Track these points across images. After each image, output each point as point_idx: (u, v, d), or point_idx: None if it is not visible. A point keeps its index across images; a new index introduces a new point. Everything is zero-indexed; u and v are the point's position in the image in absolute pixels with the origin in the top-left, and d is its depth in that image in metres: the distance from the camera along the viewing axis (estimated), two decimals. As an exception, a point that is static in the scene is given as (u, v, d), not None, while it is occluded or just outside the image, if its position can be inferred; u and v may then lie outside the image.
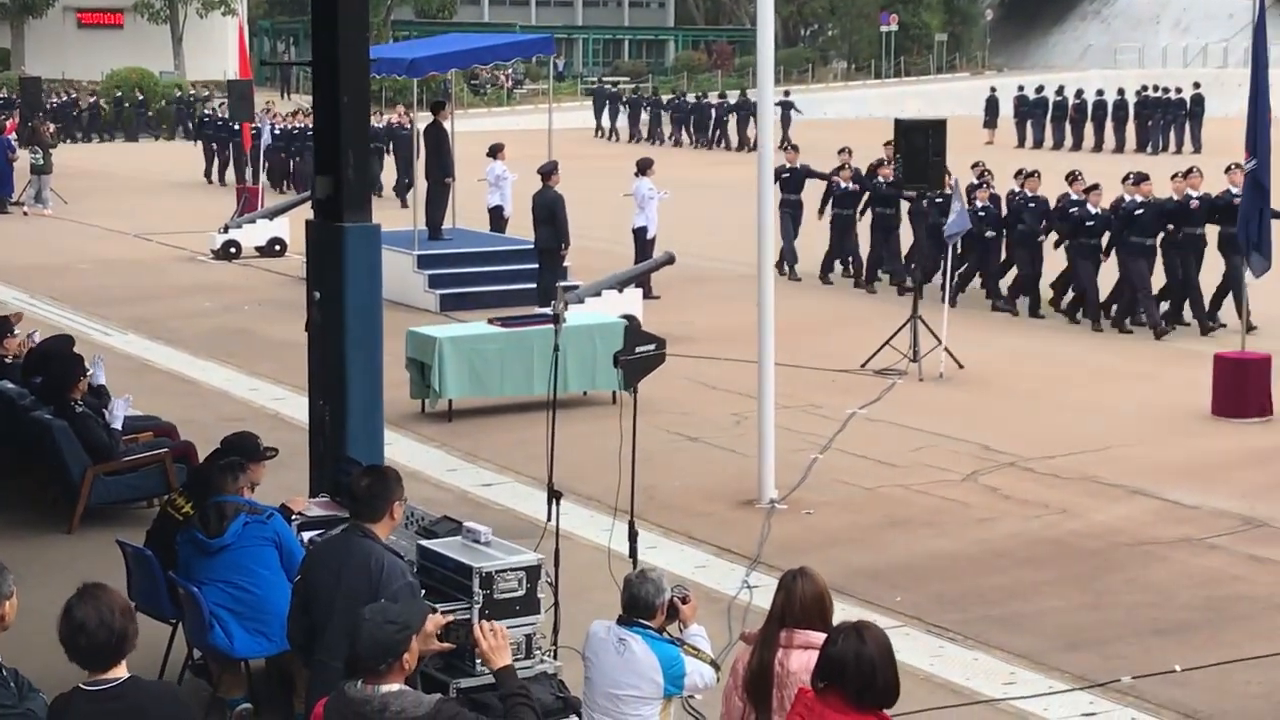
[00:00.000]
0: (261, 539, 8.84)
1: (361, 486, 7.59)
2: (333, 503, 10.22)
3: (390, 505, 7.52)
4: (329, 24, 11.64)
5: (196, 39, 71.14)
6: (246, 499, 9.07)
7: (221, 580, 8.85)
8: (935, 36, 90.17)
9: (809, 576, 6.67)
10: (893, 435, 15.88)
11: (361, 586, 7.24)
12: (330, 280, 11.64)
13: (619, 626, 7.40)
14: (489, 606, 8.08)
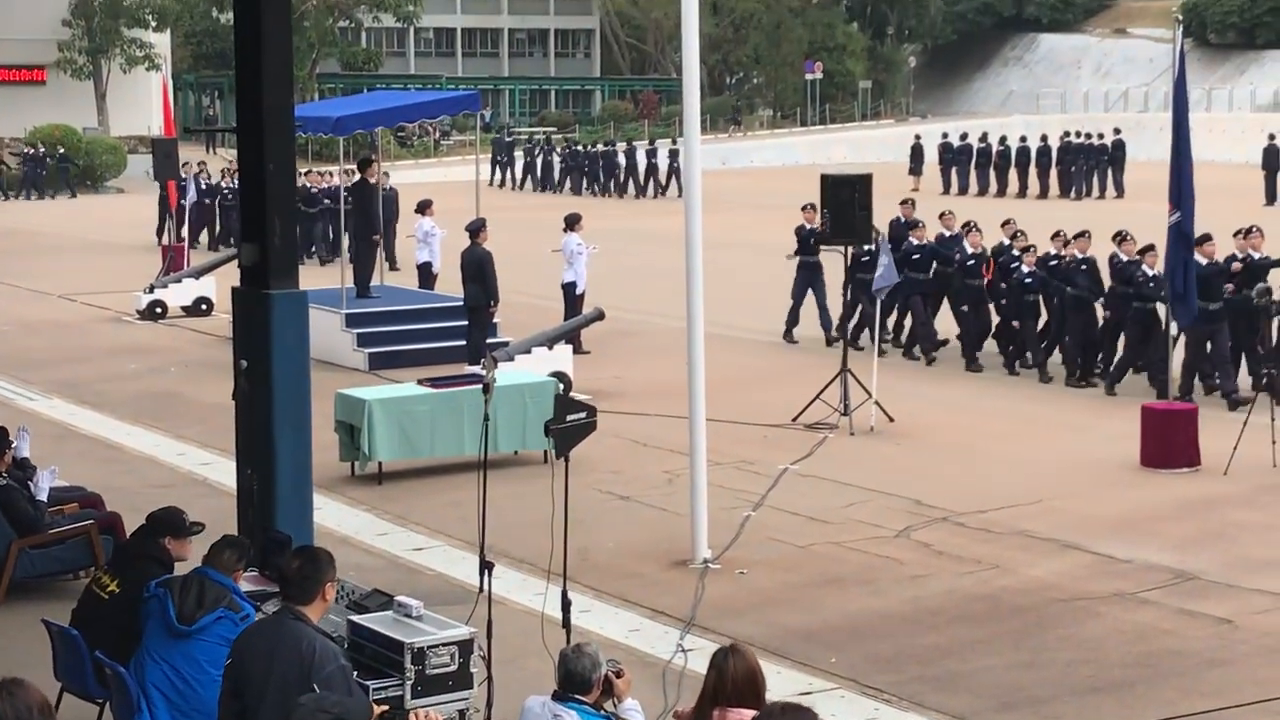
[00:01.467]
0: (224, 640, 8.40)
1: (293, 568, 7.49)
2: (261, 577, 10.09)
3: (322, 587, 7.42)
4: (254, 91, 11.58)
5: (120, 95, 70.74)
6: (235, 588, 8.83)
7: (170, 664, 8.61)
8: (859, 84, 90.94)
9: (740, 654, 6.64)
10: (825, 491, 15.88)
11: (293, 672, 7.13)
12: (257, 348, 11.57)
13: (554, 702, 7.33)
14: (421, 683, 8.01)
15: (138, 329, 27.01)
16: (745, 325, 25.82)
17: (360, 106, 27.14)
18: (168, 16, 71.44)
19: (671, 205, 53.56)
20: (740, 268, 31.85)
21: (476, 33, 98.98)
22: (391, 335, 23.44)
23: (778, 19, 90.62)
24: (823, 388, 18.81)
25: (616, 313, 23.83)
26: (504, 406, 15.76)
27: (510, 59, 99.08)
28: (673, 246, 33.77)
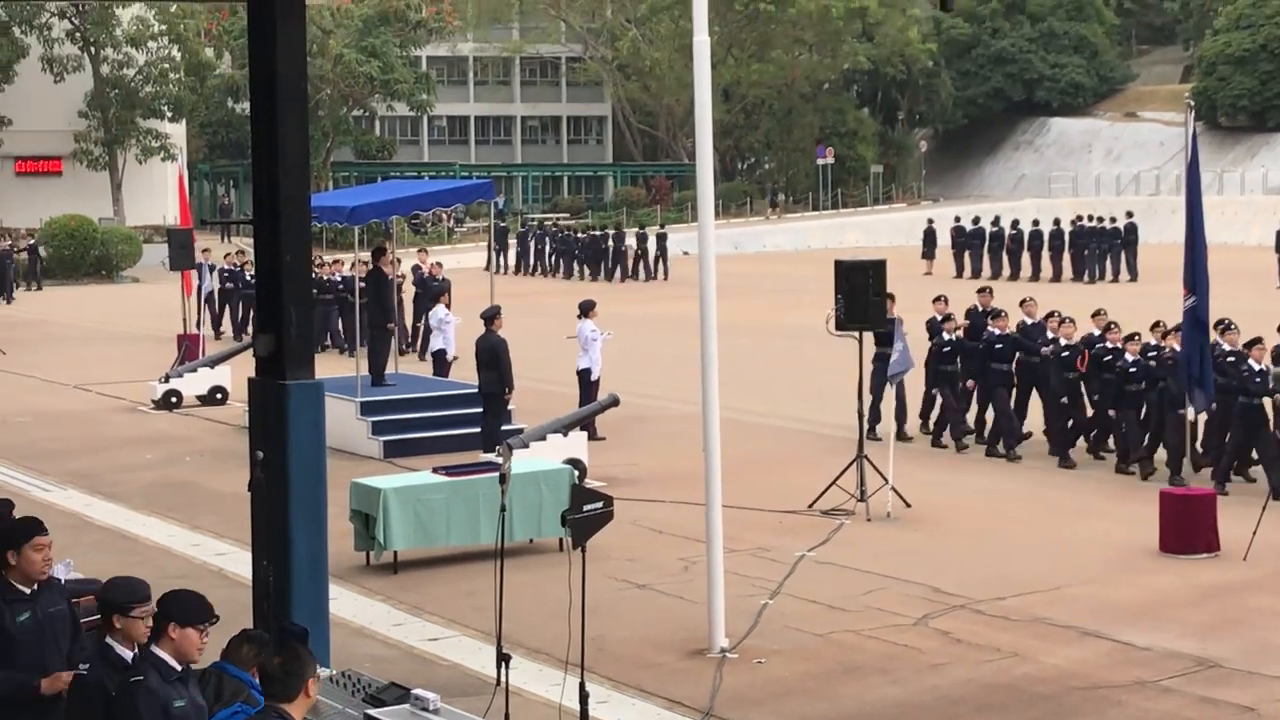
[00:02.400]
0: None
1: (274, 665, 7.35)
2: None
3: (305, 683, 7.26)
4: (270, 182, 11.65)
5: (136, 184, 71.26)
6: (253, 683, 8.74)
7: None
8: (871, 168, 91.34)
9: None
10: (843, 578, 15.80)
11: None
12: (273, 439, 11.57)
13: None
14: (439, 777, 7.93)
15: (153, 418, 27.03)
16: (760, 410, 25.81)
17: (375, 196, 27.31)
18: (183, 107, 72.04)
19: (666, 289, 53.84)
20: (753, 352, 31.87)
21: (490, 120, 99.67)
22: (407, 423, 23.42)
23: (789, 105, 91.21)
24: (839, 473, 18.76)
25: (630, 398, 23.84)
26: (519, 494, 15.73)
27: (523, 145, 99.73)
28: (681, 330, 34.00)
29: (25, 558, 8.53)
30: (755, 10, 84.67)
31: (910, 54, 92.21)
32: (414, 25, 77.63)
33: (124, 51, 69.63)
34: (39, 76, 67.34)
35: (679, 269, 59.87)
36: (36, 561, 8.60)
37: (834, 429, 23.92)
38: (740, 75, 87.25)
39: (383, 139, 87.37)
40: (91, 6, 66.18)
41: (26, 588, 8.61)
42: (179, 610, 7.72)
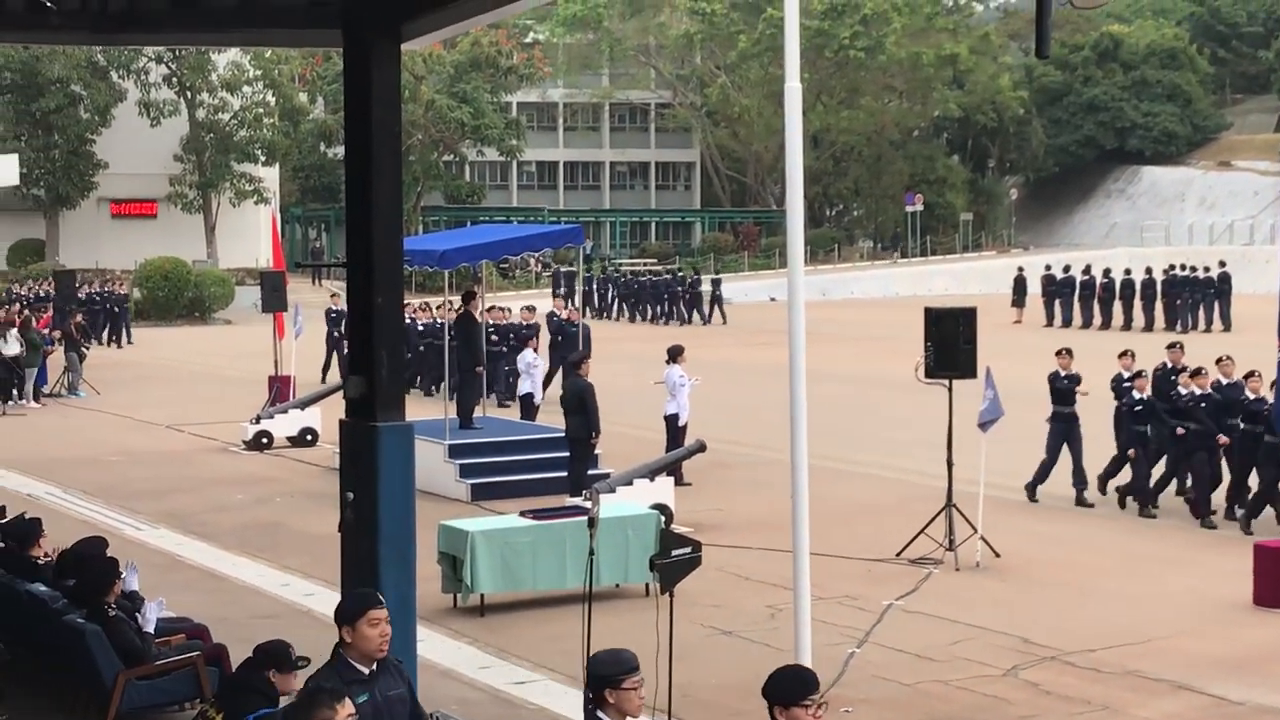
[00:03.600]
0: None
1: None
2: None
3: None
4: (364, 227, 11.75)
5: (229, 227, 72.11)
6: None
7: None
8: (960, 216, 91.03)
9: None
10: (931, 628, 15.68)
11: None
12: (363, 481, 11.63)
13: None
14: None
15: (244, 459, 27.28)
16: (847, 457, 25.70)
17: (466, 240, 27.49)
18: (276, 151, 72.89)
19: (725, 334, 53.72)
20: (841, 399, 31.76)
21: (578, 165, 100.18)
22: (494, 466, 23.50)
23: (878, 152, 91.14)
24: (927, 522, 18.65)
25: (717, 445, 23.79)
26: (606, 539, 15.71)
27: (611, 191, 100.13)
28: (762, 376, 33.86)
29: (360, 634, 8.02)
30: (845, 57, 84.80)
31: (1001, 101, 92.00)
32: (505, 71, 78.26)
33: (219, 96, 70.62)
34: (136, 120, 68.37)
35: (738, 315, 60.10)
36: (373, 638, 8.06)
37: (922, 477, 23.76)
38: (830, 122, 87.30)
39: (472, 184, 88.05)
40: (188, 52, 67.12)
41: (365, 667, 8.13)
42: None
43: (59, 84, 66.02)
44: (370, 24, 11.70)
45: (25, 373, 34.83)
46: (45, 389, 36.00)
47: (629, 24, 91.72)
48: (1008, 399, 19.45)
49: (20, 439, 29.61)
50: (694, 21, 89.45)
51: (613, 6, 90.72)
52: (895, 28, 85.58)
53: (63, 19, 14.28)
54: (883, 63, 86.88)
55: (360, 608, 8.03)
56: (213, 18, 13.64)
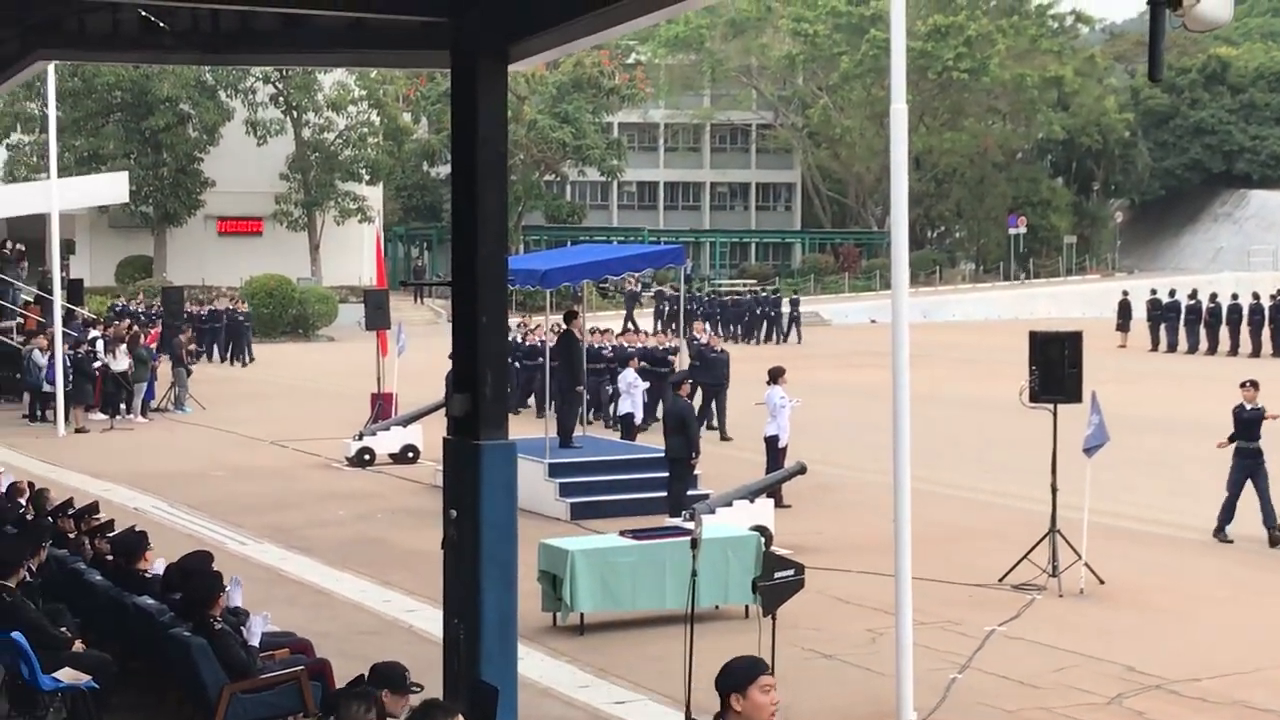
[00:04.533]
0: None
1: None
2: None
3: None
4: (468, 247, 11.82)
5: (333, 245, 72.77)
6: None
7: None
8: (1064, 239, 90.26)
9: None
10: (1034, 654, 15.52)
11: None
12: (466, 498, 11.69)
13: None
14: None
15: (347, 475, 27.49)
16: (949, 481, 25.52)
17: (568, 259, 27.59)
18: (380, 171, 73.50)
19: (801, 353, 53.41)
20: (943, 422, 31.55)
21: (679, 186, 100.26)
22: (593, 486, 23.54)
23: (981, 173, 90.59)
24: (1030, 548, 18.49)
25: (817, 466, 23.69)
26: (706, 560, 15.66)
27: (711, 211, 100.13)
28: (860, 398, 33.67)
29: (753, 701, 7.29)
30: (949, 78, 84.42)
31: (1106, 124, 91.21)
32: (607, 92, 78.52)
33: (325, 116, 71.34)
34: (243, 139, 69.20)
35: (838, 336, 59.93)
36: (765, 705, 7.32)
37: (1025, 502, 23.54)
38: (932, 143, 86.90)
39: (573, 203, 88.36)
40: (295, 72, 67.87)
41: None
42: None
43: (168, 103, 66.95)
44: (479, 45, 11.78)
45: (134, 388, 35.31)
46: (152, 404, 36.48)
47: (731, 45, 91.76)
48: (1113, 424, 19.23)
49: (128, 453, 30.02)
50: (796, 42, 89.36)
51: (715, 28, 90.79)
52: (999, 49, 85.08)
53: (175, 39, 14.51)
54: (986, 84, 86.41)
55: (753, 673, 7.40)
56: (323, 37, 13.80)
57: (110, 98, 67.31)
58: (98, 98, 66.72)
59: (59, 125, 42.14)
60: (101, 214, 69.07)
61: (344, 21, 13.37)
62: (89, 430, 33.33)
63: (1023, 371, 19.08)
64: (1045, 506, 18.98)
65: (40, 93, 57.76)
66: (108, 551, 14.56)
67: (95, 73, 64.90)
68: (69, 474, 26.84)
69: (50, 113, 37.01)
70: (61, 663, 12.15)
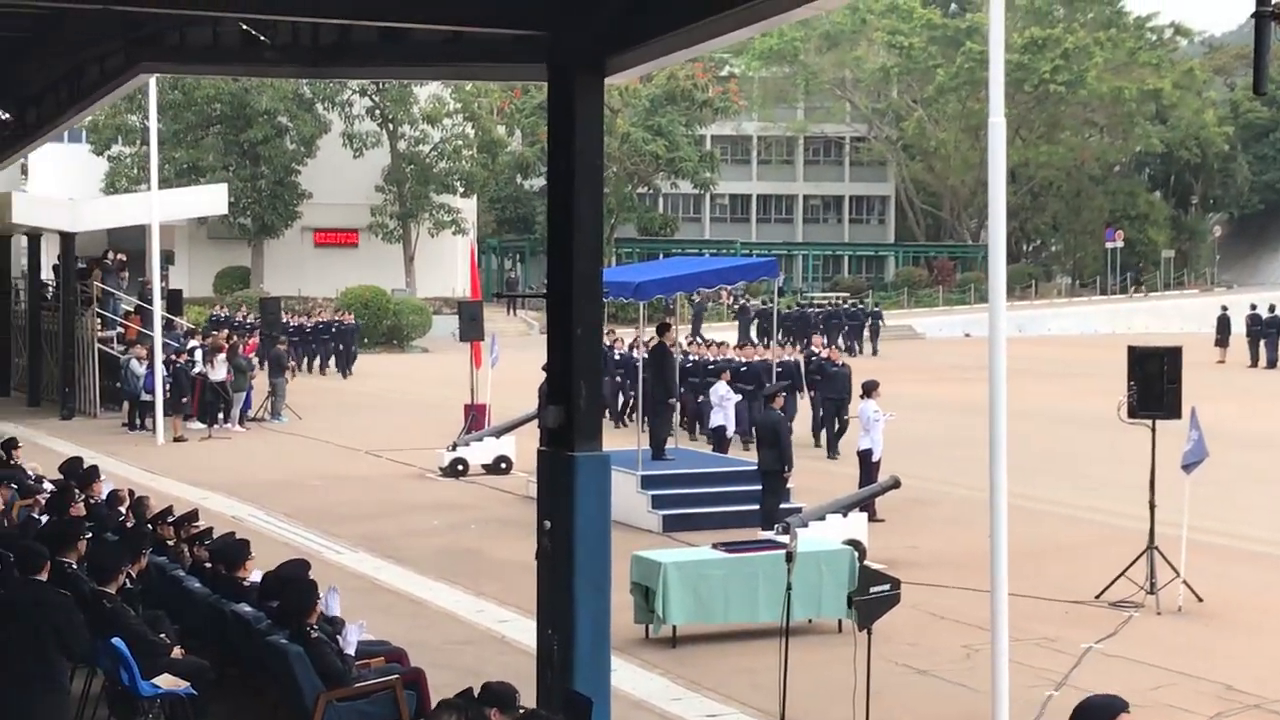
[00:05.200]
0: None
1: None
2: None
3: None
4: (564, 259, 11.86)
5: (427, 257, 73.21)
6: None
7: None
8: (1162, 253, 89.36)
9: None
10: (1131, 672, 15.35)
11: None
12: (561, 509, 11.72)
13: None
14: None
15: (440, 486, 27.64)
16: (1045, 496, 25.30)
17: (661, 272, 27.61)
18: (474, 183, 73.92)
19: (882, 365, 53.03)
20: (1038, 437, 31.29)
21: (772, 198, 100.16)
22: (686, 498, 23.53)
23: (1078, 187, 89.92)
24: (1128, 564, 18.29)
25: (910, 481, 23.58)
26: (800, 574, 15.59)
27: (804, 224, 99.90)
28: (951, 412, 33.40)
29: None
30: (1045, 91, 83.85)
31: (1205, 137, 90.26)
32: (700, 105, 78.58)
33: (420, 128, 71.82)
34: (339, 152, 69.81)
35: (910, 349, 59.67)
36: None
37: (1123, 519, 23.29)
38: (1028, 156, 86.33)
39: (665, 216, 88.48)
40: (391, 85, 68.38)
41: None
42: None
43: (267, 116, 67.66)
44: (576, 58, 11.83)
45: (232, 397, 35.69)
46: (249, 413, 36.85)
47: (825, 58, 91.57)
48: (1212, 440, 19.00)
49: (226, 462, 30.35)
50: (891, 55, 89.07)
51: (809, 40, 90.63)
52: (1097, 62, 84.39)
53: (276, 52, 14.66)
54: (1083, 97, 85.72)
55: (1112, 711, 7.12)
56: (421, 51, 13.90)
57: (210, 110, 68.15)
58: (197, 110, 67.55)
59: (159, 137, 42.66)
60: (200, 225, 69.91)
61: (442, 35, 13.46)
62: (187, 439, 33.72)
63: (1120, 386, 18.88)
64: (1143, 523, 18.78)
65: (141, 105, 58.62)
66: (207, 559, 14.72)
67: (195, 86, 65.71)
68: (168, 482, 27.17)
69: (151, 125, 37.51)
70: (160, 669, 12.28)
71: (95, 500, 17.49)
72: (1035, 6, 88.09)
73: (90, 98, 20.22)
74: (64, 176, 66.36)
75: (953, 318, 74.01)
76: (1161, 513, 18.54)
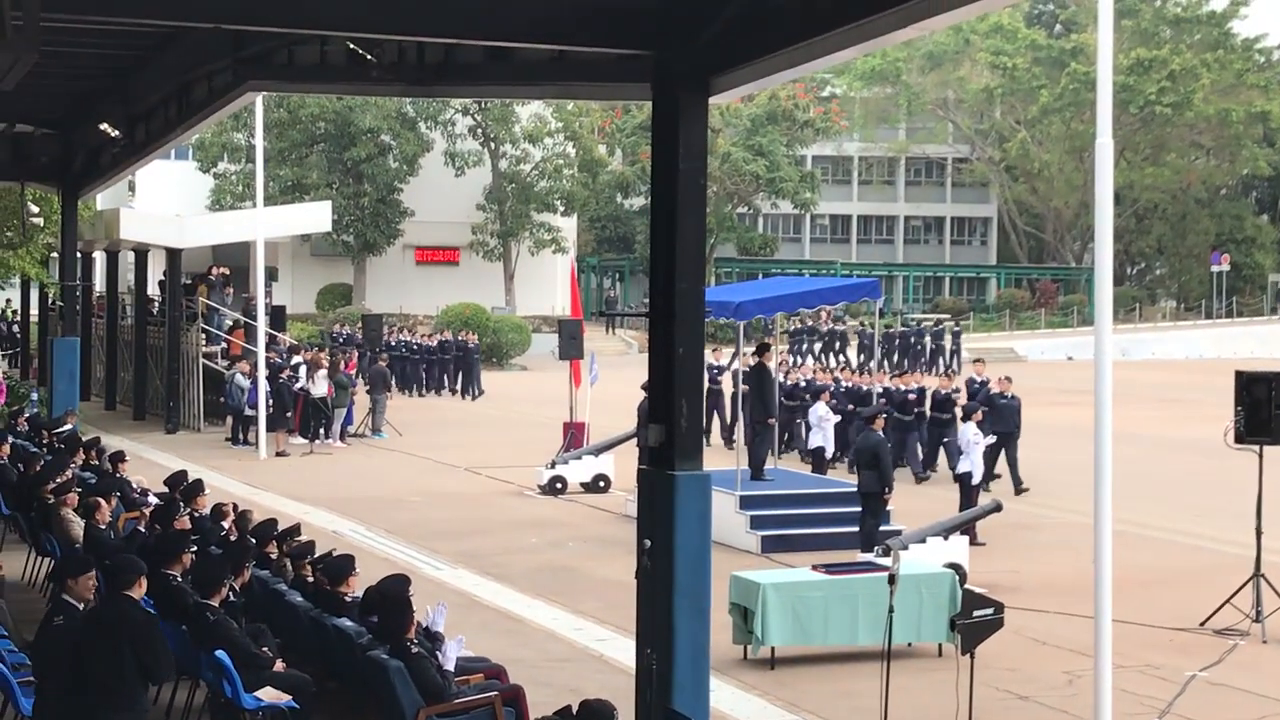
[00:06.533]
0: None
1: None
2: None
3: None
4: (666, 279, 11.88)
5: (527, 275, 73.50)
6: None
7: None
8: (1269, 277, 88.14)
9: None
10: (1236, 701, 15.13)
11: None
12: (661, 528, 11.73)
13: None
14: None
15: (538, 503, 27.71)
16: (1149, 522, 24.99)
17: (762, 292, 27.56)
18: (575, 202, 74.15)
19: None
20: (1143, 462, 30.93)
21: (872, 220, 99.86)
22: (785, 519, 23.44)
23: (1183, 210, 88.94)
24: (1234, 591, 18.02)
25: (1011, 505, 23.37)
26: (900, 596, 15.47)
27: (905, 245, 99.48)
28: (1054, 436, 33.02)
29: None
30: (1151, 113, 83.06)
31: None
32: (801, 125, 78.46)
33: (521, 147, 72.16)
34: (441, 170, 70.25)
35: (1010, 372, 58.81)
36: None
37: (1229, 545, 22.96)
38: (1133, 178, 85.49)
39: (765, 236, 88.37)
40: (493, 104, 68.76)
41: None
42: None
43: (370, 134, 68.22)
44: (680, 78, 11.86)
45: (333, 413, 35.99)
46: (350, 429, 37.13)
47: (928, 78, 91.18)
48: (1321, 467, 18.69)
49: (327, 477, 30.60)
50: (994, 75, 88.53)
51: (912, 60, 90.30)
52: (1204, 83, 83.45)
53: (381, 71, 14.81)
54: (1190, 119, 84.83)
55: None
56: (526, 70, 13.99)
57: (314, 129, 68.83)
58: (302, 129, 68.25)
59: (264, 155, 43.14)
60: (304, 242, 70.58)
61: (546, 54, 13.55)
62: (289, 454, 34.03)
63: (1227, 411, 18.61)
64: (1249, 550, 18.49)
65: (247, 124, 59.33)
66: (309, 573, 14.84)
67: (300, 104, 66.40)
68: (270, 496, 27.43)
69: (258, 142, 37.95)
70: (263, 682, 12.40)
71: (199, 514, 17.69)
72: (1142, 28, 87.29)
73: (198, 115, 20.53)
74: (171, 193, 67.25)
75: (1055, 341, 73.31)
76: (1269, 539, 18.27)
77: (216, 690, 12.52)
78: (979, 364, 31.92)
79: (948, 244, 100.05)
